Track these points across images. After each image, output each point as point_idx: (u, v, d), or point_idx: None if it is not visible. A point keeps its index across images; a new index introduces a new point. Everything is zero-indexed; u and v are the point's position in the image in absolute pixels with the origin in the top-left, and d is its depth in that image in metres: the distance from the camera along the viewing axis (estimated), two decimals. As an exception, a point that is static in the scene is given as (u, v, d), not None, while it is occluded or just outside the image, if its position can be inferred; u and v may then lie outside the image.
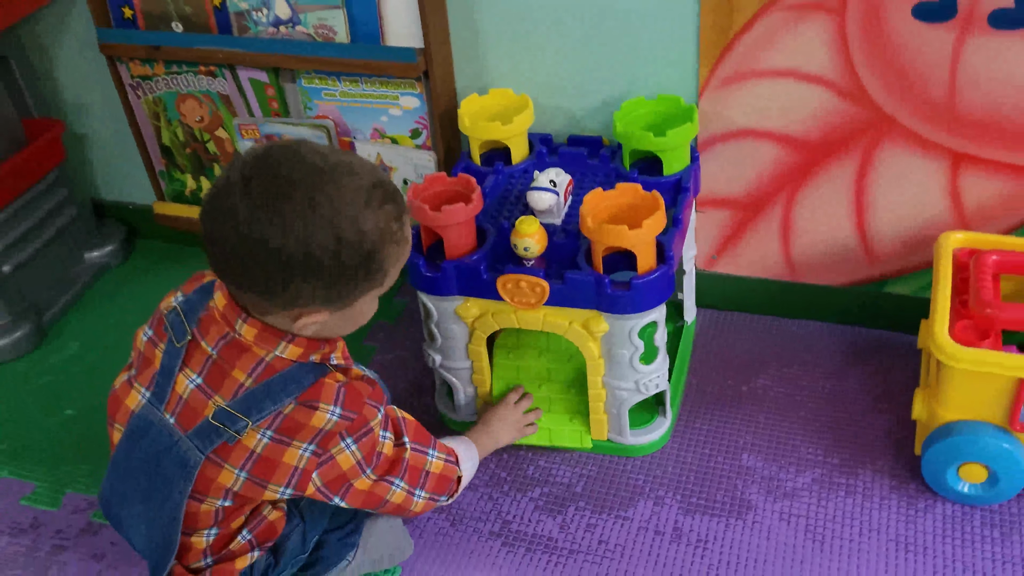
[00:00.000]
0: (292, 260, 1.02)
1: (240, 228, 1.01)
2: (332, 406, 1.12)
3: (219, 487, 1.13)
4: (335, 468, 1.15)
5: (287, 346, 1.12)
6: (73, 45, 1.91)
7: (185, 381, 1.13)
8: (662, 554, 1.39)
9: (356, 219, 1.03)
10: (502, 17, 1.60)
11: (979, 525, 1.38)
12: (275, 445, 1.11)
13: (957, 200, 1.55)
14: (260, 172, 1.02)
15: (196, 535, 1.17)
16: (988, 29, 1.38)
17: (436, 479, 1.27)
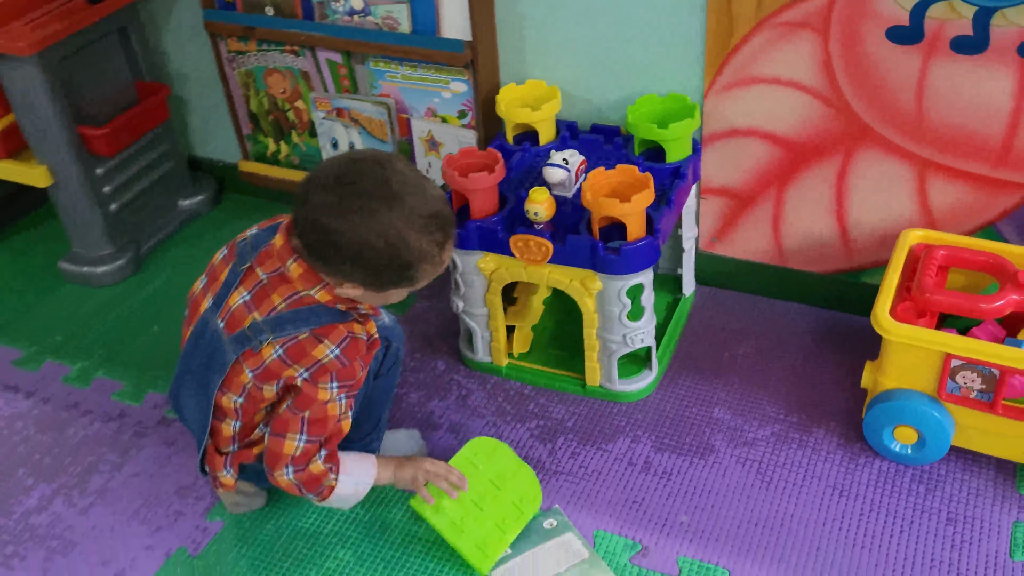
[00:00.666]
0: (347, 250, 1.29)
1: (319, 214, 1.29)
2: (334, 346, 1.37)
3: (238, 384, 1.41)
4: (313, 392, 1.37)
5: (321, 290, 1.37)
6: (182, 22, 2.24)
7: (237, 297, 1.41)
8: (631, 481, 1.64)
9: (406, 238, 1.29)
10: (541, 19, 1.86)
11: (908, 481, 1.60)
12: (280, 362, 1.37)
13: (924, 202, 1.75)
14: (349, 178, 1.29)
15: (224, 423, 1.46)
16: (950, 53, 1.59)
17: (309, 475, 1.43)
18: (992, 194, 1.69)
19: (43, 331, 2.11)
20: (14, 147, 2.15)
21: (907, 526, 1.53)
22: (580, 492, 1.63)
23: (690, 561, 1.50)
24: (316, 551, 1.58)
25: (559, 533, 1.56)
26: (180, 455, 1.77)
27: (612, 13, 1.79)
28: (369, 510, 1.63)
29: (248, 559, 1.58)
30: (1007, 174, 1.66)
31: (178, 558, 1.59)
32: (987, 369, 1.48)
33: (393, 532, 1.60)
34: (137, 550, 1.61)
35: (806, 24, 1.66)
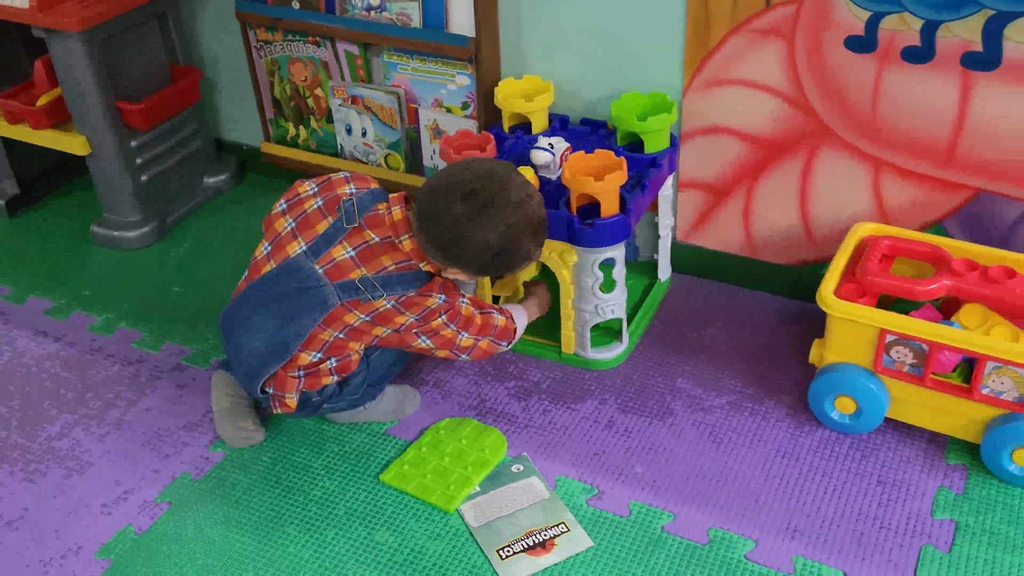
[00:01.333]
0: (470, 251, 1.58)
1: (450, 220, 1.56)
2: (439, 294, 1.65)
3: (342, 323, 1.63)
4: (428, 327, 1.67)
5: (428, 265, 1.65)
6: (216, 11, 2.45)
7: (341, 250, 1.63)
8: (594, 436, 1.80)
9: (520, 242, 1.60)
10: (540, 20, 2.05)
11: (847, 448, 1.75)
12: (393, 311, 1.63)
13: (879, 199, 1.91)
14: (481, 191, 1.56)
15: (305, 352, 1.66)
16: (901, 62, 1.75)
17: (501, 330, 1.79)
18: (939, 193, 1.85)
19: (73, 286, 2.31)
20: (58, 119, 2.36)
21: (840, 485, 1.68)
22: (547, 443, 1.79)
23: (639, 505, 1.66)
24: (306, 480, 1.75)
25: (524, 476, 1.73)
26: (189, 396, 1.95)
27: (604, 17, 1.97)
28: (355, 449, 1.81)
29: (244, 484, 1.75)
30: (952, 175, 1.82)
31: (182, 480, 1.77)
32: (918, 344, 1.63)
33: (376, 466, 1.77)
34: (146, 472, 1.79)
35: (775, 31, 1.83)
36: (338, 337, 1.65)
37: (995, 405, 1.62)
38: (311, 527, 1.66)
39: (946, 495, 1.64)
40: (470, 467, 1.74)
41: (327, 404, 1.74)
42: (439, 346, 1.72)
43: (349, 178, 1.72)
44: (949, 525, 1.59)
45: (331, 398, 1.73)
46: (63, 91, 2.26)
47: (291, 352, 1.64)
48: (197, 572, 1.60)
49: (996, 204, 1.81)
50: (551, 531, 1.62)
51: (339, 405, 1.76)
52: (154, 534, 1.67)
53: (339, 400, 1.74)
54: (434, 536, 1.63)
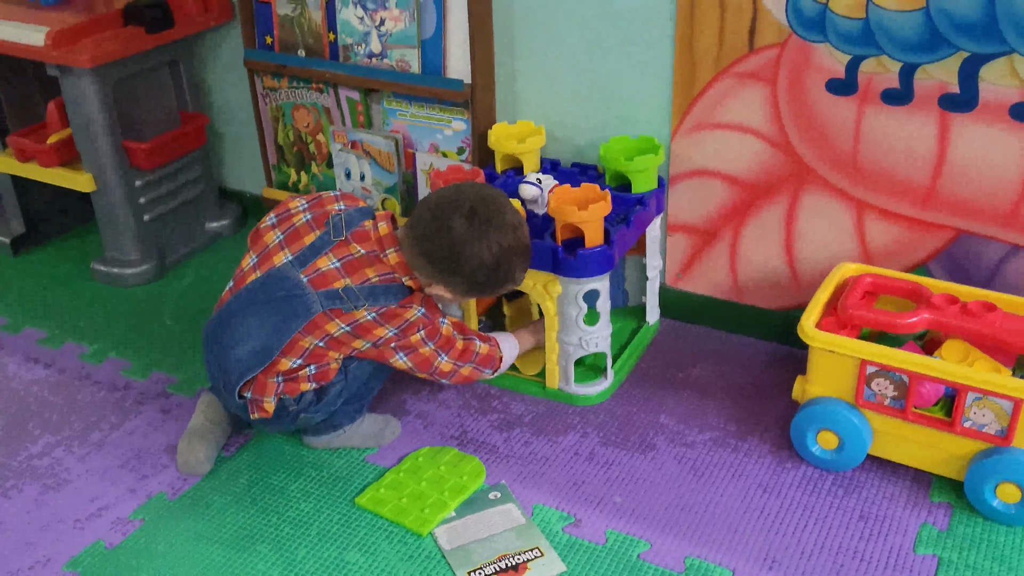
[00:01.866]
0: (464, 268, 1.64)
1: (449, 236, 1.62)
2: (419, 307, 1.68)
3: (323, 331, 1.65)
4: (407, 341, 1.70)
5: (411, 280, 1.69)
6: (225, 60, 2.54)
7: (327, 261, 1.66)
8: (575, 468, 1.79)
9: (511, 265, 1.67)
10: (534, 67, 2.11)
11: (829, 484, 1.72)
12: (373, 323, 1.65)
13: (863, 241, 1.93)
14: (483, 212, 1.63)
15: (285, 358, 1.67)
16: (881, 104, 1.80)
17: (482, 357, 1.81)
18: (921, 234, 1.87)
19: (69, 318, 2.34)
20: (66, 158, 2.43)
21: (822, 519, 1.65)
22: (526, 473, 1.78)
23: (616, 533, 1.63)
24: (281, 502, 1.74)
25: (501, 503, 1.70)
26: (172, 421, 1.95)
27: (594, 64, 2.04)
28: (333, 474, 1.79)
29: (218, 504, 1.74)
30: (933, 216, 1.84)
31: (158, 500, 1.76)
32: (897, 375, 1.63)
33: (353, 491, 1.75)
34: (122, 491, 1.78)
35: (757, 75, 1.89)
36: (318, 346, 1.66)
37: (977, 438, 1.60)
38: (282, 546, 1.64)
39: (929, 531, 1.61)
40: (447, 492, 1.72)
41: (304, 414, 1.74)
42: (417, 365, 1.73)
43: (339, 196, 1.76)
44: (932, 560, 1.55)
45: (309, 407, 1.73)
46: (73, 128, 2.33)
47: (272, 357, 1.66)
48: (164, 586, 1.58)
49: (978, 245, 1.82)
50: (524, 555, 1.59)
51: (316, 416, 1.75)
52: (124, 549, 1.65)
53: (316, 410, 1.74)
54: (405, 558, 1.61)
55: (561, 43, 2.06)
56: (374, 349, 1.69)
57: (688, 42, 1.92)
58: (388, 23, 2.20)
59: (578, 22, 2.02)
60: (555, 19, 2.04)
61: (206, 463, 1.80)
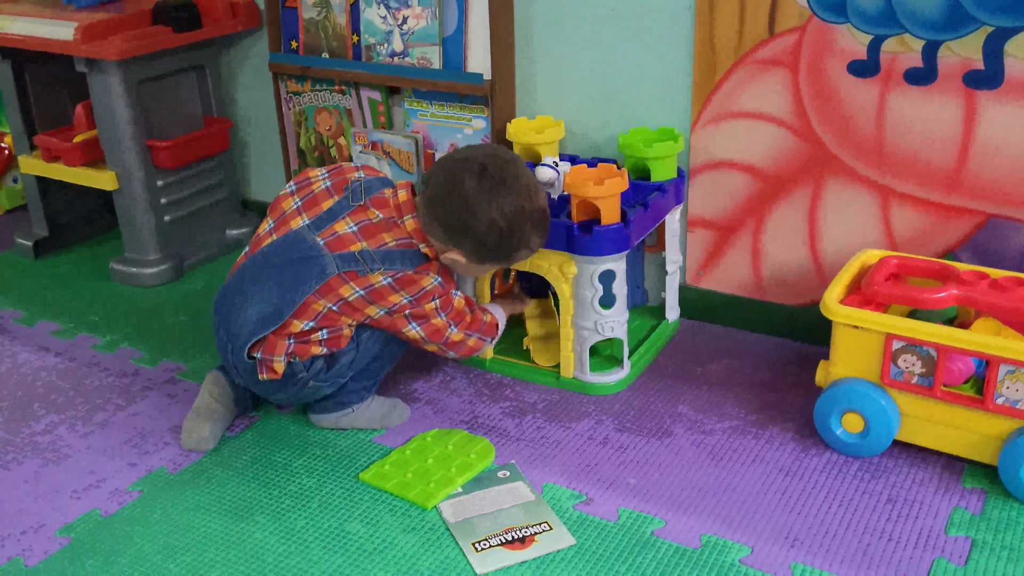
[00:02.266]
0: (476, 228, 1.60)
1: (461, 195, 1.59)
2: (435, 275, 1.66)
3: (337, 295, 1.62)
4: (421, 310, 1.67)
5: (427, 247, 1.67)
6: (251, 67, 2.58)
7: (344, 225, 1.65)
8: (587, 450, 1.72)
9: (523, 227, 1.62)
10: (553, 62, 2.11)
11: (856, 469, 1.64)
12: (388, 288, 1.63)
13: (888, 229, 1.88)
14: (495, 171, 1.60)
15: (298, 320, 1.64)
16: (904, 84, 1.77)
17: (486, 326, 1.81)
18: (948, 221, 1.81)
19: (84, 313, 2.33)
20: (91, 158, 2.45)
21: (847, 502, 1.56)
22: (537, 455, 1.71)
23: (629, 511, 1.56)
24: (284, 477, 1.68)
25: (510, 481, 1.64)
26: (179, 405, 1.91)
27: (614, 57, 2.03)
28: (339, 452, 1.74)
29: (220, 478, 1.69)
30: (960, 200, 1.79)
31: (158, 473, 1.71)
32: (924, 350, 1.56)
33: (358, 468, 1.69)
34: (122, 465, 1.74)
35: (778, 61, 1.87)
36: (331, 309, 1.63)
37: (1012, 416, 1.52)
38: (281, 516, 1.58)
39: (962, 515, 1.52)
40: (454, 469, 1.66)
41: (314, 381, 1.69)
42: (429, 335, 1.69)
43: (359, 167, 1.75)
44: (964, 541, 1.46)
45: (318, 374, 1.69)
46: (98, 125, 2.36)
47: (284, 318, 1.63)
48: (158, 550, 1.52)
49: (1008, 230, 1.76)
50: (532, 528, 1.52)
51: (324, 387, 1.71)
52: (120, 517, 1.60)
53: (326, 379, 1.70)
54: (408, 530, 1.54)
55: (580, 39, 2.06)
56: (387, 317, 1.65)
57: (708, 30, 1.91)
58: (410, 21, 2.22)
59: (598, 17, 2.02)
60: (574, 15, 2.05)
61: (211, 440, 1.75)
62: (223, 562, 1.49)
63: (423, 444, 1.74)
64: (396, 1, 2.22)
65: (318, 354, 1.68)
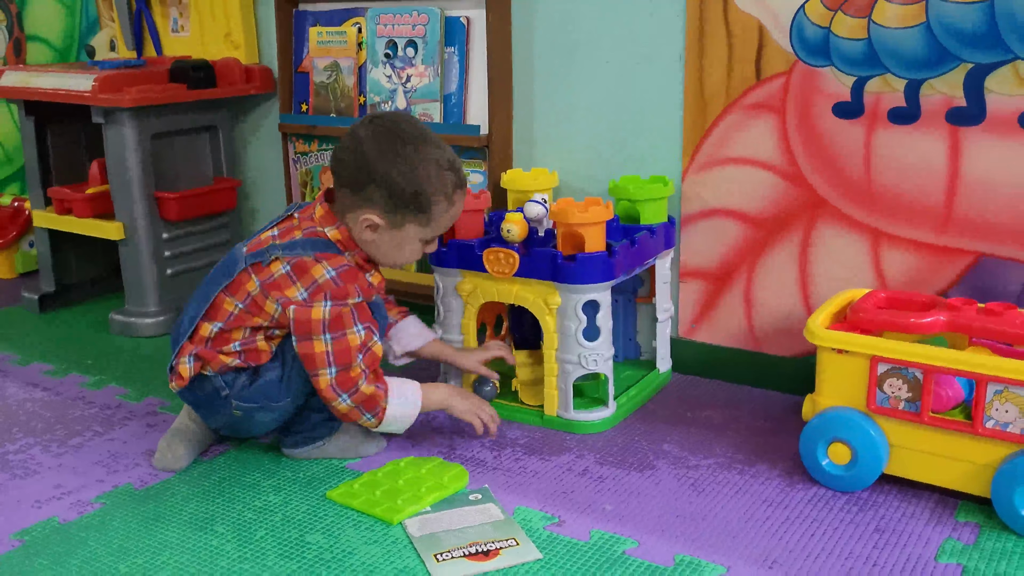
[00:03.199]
0: (377, 171, 1.60)
1: (358, 145, 1.62)
2: (332, 268, 1.61)
3: (244, 291, 1.63)
4: (307, 314, 1.60)
5: (334, 230, 1.66)
6: (263, 129, 2.66)
7: (269, 233, 1.69)
8: (564, 480, 1.66)
9: (428, 170, 1.62)
10: (550, 117, 2.17)
11: (843, 503, 1.56)
12: (286, 276, 1.61)
13: (880, 273, 1.85)
14: (383, 119, 1.65)
15: (208, 322, 1.64)
16: (889, 124, 1.78)
17: (363, 396, 1.63)
18: (939, 261, 1.79)
19: (77, 357, 2.33)
20: (100, 210, 2.52)
21: (831, 530, 1.48)
22: (513, 482, 1.65)
23: (601, 532, 1.49)
24: (250, 494, 1.64)
25: (481, 503, 1.58)
26: (156, 432, 1.89)
27: (608, 109, 2.08)
28: (309, 475, 1.69)
29: (184, 494, 1.64)
30: (950, 240, 1.77)
31: (124, 489, 1.67)
32: (910, 372, 1.51)
33: (326, 488, 1.64)
34: (90, 481, 1.70)
35: (766, 106, 1.90)
36: (241, 309, 1.64)
37: (1002, 440, 1.45)
38: (242, 528, 1.53)
39: (953, 545, 1.43)
40: (424, 489, 1.60)
41: (238, 401, 1.65)
42: (304, 356, 1.60)
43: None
44: (956, 568, 1.37)
45: (241, 392, 1.65)
46: (110, 176, 2.43)
47: (198, 319, 1.65)
48: (110, 553, 1.47)
49: (1000, 269, 1.73)
50: (498, 544, 1.45)
51: (254, 408, 1.66)
52: (77, 524, 1.56)
53: (252, 398, 1.65)
54: (370, 542, 1.48)
55: (577, 92, 2.12)
56: (285, 318, 1.61)
57: (698, 78, 1.95)
58: (414, 79, 2.29)
59: (594, 70, 2.08)
60: (571, 69, 2.11)
61: (183, 460, 1.72)
62: (174, 565, 1.43)
63: (396, 468, 1.69)
64: (401, 61, 2.31)
65: (231, 365, 1.64)
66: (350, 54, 2.40)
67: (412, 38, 2.28)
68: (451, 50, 2.24)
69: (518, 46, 2.18)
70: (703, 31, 1.92)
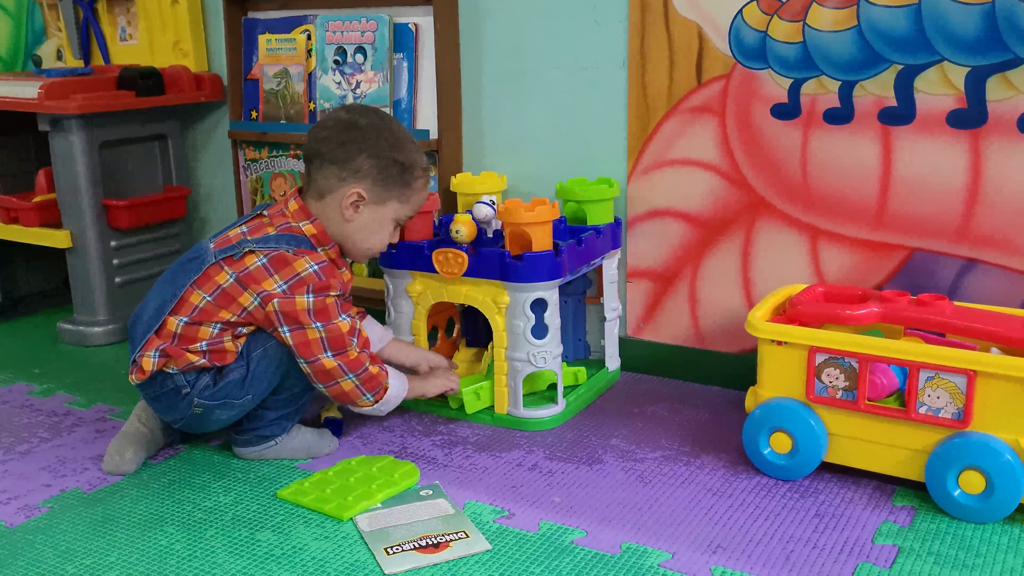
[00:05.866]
0: (367, 143, 1.66)
1: (344, 121, 1.69)
2: (314, 263, 1.64)
3: (213, 283, 1.64)
4: (292, 305, 1.62)
5: (308, 225, 1.68)
6: (213, 137, 2.66)
7: (237, 229, 1.71)
8: (514, 475, 1.68)
9: (410, 145, 1.72)
10: (498, 121, 2.20)
11: (785, 490, 1.60)
12: (262, 269, 1.63)
13: (818, 270, 1.91)
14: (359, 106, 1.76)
15: (174, 317, 1.64)
16: (824, 124, 1.84)
17: (370, 377, 1.69)
18: (875, 257, 1.84)
19: (25, 367, 2.31)
20: (47, 219, 2.49)
21: (773, 516, 1.52)
22: (463, 479, 1.67)
23: (550, 523, 1.51)
24: (200, 496, 1.64)
25: (431, 499, 1.59)
26: (104, 438, 1.87)
27: (556, 113, 2.12)
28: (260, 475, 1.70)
29: (133, 496, 1.64)
30: (885, 236, 1.83)
31: (72, 493, 1.66)
32: (847, 362, 1.56)
33: (277, 488, 1.65)
34: (37, 486, 1.69)
35: (707, 108, 1.95)
36: (208, 301, 1.64)
37: (934, 425, 1.51)
38: (192, 528, 1.53)
39: (890, 527, 1.48)
40: (375, 486, 1.62)
41: (199, 399, 1.66)
42: (298, 346, 1.63)
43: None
44: (891, 549, 1.42)
45: (204, 391, 1.65)
46: (57, 186, 2.41)
47: (164, 314, 1.65)
48: (58, 556, 1.46)
49: (931, 263, 1.79)
50: (448, 536, 1.47)
51: (215, 406, 1.67)
52: (24, 528, 1.55)
53: (213, 397, 1.66)
54: (320, 538, 1.49)
55: (526, 97, 2.15)
56: (261, 311, 1.63)
57: (641, 82, 2.00)
58: (363, 85, 2.32)
59: (542, 75, 2.12)
60: (521, 74, 2.15)
61: (132, 464, 1.72)
62: (123, 565, 1.43)
63: (347, 467, 1.70)
64: (350, 67, 2.33)
65: (196, 363, 1.64)
66: (300, 61, 2.42)
67: (361, 44, 2.30)
68: (400, 56, 2.27)
69: (466, 52, 2.21)
70: (645, 37, 1.97)
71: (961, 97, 1.70)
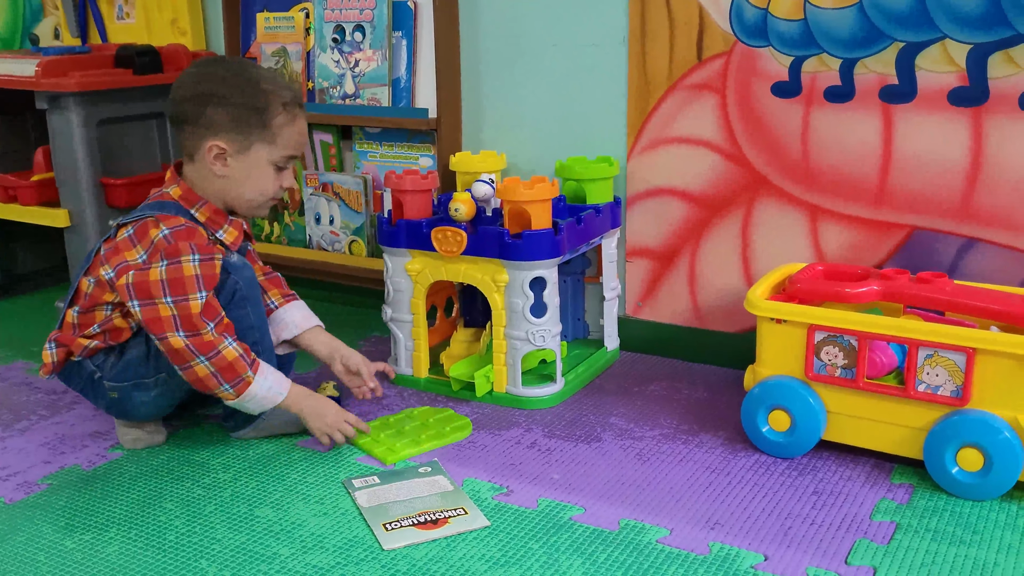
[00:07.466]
0: (214, 94, 1.62)
1: (189, 78, 1.67)
2: (166, 228, 1.58)
3: (96, 267, 1.65)
4: (144, 276, 1.55)
5: (175, 187, 1.66)
6: (213, 118, 2.65)
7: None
8: (514, 453, 1.68)
9: (262, 85, 1.64)
10: (498, 100, 2.19)
11: (784, 468, 1.60)
12: (128, 240, 1.61)
13: (818, 248, 1.90)
14: (208, 58, 1.71)
15: (72, 309, 1.66)
16: (825, 102, 1.83)
17: (226, 364, 1.55)
18: (875, 235, 1.84)
19: (25, 344, 2.31)
20: (45, 198, 2.49)
21: (771, 493, 1.52)
22: (463, 456, 1.68)
23: (548, 500, 1.51)
24: (200, 473, 1.64)
25: (430, 475, 1.60)
26: (104, 416, 1.87)
27: (555, 92, 2.11)
28: (260, 454, 1.70)
29: (132, 473, 1.64)
30: (885, 214, 1.82)
31: (71, 470, 1.66)
32: (846, 340, 1.56)
33: (279, 468, 1.65)
34: (35, 462, 1.69)
35: (707, 86, 1.94)
36: (93, 286, 1.64)
37: (933, 403, 1.51)
38: (190, 504, 1.53)
39: (888, 504, 1.48)
40: (425, 436, 1.71)
41: (109, 381, 1.65)
42: (148, 321, 1.53)
43: None
44: (889, 525, 1.42)
45: (111, 371, 1.65)
46: (55, 164, 2.40)
47: (65, 309, 1.67)
48: (57, 530, 1.46)
49: (932, 241, 1.79)
50: (446, 512, 1.47)
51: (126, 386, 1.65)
52: (23, 503, 1.55)
53: (124, 376, 1.65)
54: (319, 514, 1.49)
55: (525, 75, 2.14)
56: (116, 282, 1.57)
57: (641, 61, 1.99)
58: (362, 64, 2.30)
59: (541, 53, 2.11)
60: (520, 52, 2.14)
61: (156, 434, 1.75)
62: (122, 539, 1.43)
63: (409, 415, 1.82)
64: (349, 45, 2.31)
65: (93, 347, 1.64)
66: (298, 39, 2.40)
67: (360, 23, 2.29)
68: (399, 34, 2.26)
69: (465, 30, 2.20)
70: (645, 14, 1.96)
71: (963, 75, 1.69)
